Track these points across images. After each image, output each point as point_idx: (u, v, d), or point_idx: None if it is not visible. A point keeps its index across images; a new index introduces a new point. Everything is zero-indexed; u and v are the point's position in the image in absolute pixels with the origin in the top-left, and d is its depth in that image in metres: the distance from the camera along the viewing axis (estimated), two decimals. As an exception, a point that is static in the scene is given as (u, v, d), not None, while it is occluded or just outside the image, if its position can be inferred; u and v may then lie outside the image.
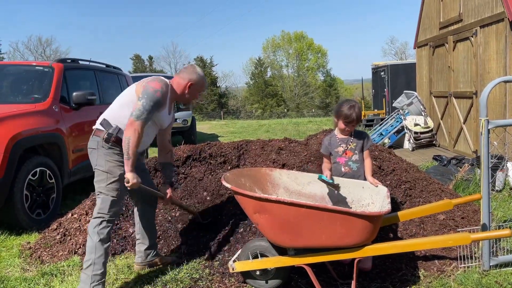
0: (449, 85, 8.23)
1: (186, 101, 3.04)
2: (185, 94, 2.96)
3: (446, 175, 5.85)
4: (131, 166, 2.66)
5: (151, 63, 46.31)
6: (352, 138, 3.08)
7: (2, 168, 3.84)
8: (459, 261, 3.13)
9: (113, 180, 2.75)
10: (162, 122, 2.98)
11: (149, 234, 3.19)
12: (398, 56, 49.58)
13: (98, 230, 2.70)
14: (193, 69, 2.99)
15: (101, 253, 2.69)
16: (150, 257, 3.20)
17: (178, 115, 10.60)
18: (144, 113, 2.68)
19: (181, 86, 2.94)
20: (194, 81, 2.95)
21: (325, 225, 2.43)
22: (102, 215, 2.73)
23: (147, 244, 3.18)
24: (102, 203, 2.75)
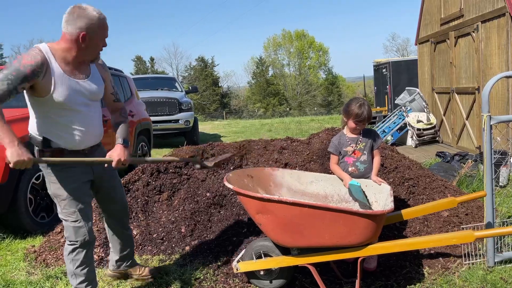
0: (451, 81, 8.20)
1: (89, 56, 2.40)
2: (80, 49, 2.32)
3: (449, 172, 5.83)
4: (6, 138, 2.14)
5: (153, 64, 46.40)
6: (361, 137, 3.05)
7: (5, 172, 3.85)
8: (463, 258, 3.12)
9: (64, 204, 2.41)
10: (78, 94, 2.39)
11: (119, 245, 2.92)
12: (400, 52, 49.47)
13: (72, 257, 2.46)
14: (81, 12, 2.28)
15: (82, 279, 2.49)
16: (123, 267, 2.99)
17: (180, 116, 10.62)
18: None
19: (73, 42, 2.30)
20: (87, 29, 2.29)
21: (327, 224, 2.42)
22: (72, 243, 2.45)
23: (118, 255, 2.94)
24: (65, 230, 2.46)
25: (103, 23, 2.36)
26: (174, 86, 12.67)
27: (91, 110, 2.49)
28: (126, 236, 2.93)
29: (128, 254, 2.97)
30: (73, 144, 2.42)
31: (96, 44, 2.37)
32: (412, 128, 8.90)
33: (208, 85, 42.72)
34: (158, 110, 10.51)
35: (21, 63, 2.19)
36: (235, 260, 2.87)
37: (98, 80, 2.53)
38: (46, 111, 2.36)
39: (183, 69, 47.84)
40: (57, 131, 2.39)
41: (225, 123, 20.25)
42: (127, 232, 2.94)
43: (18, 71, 2.17)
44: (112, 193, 2.76)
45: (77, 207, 2.43)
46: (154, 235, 3.73)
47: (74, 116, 2.40)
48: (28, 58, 2.21)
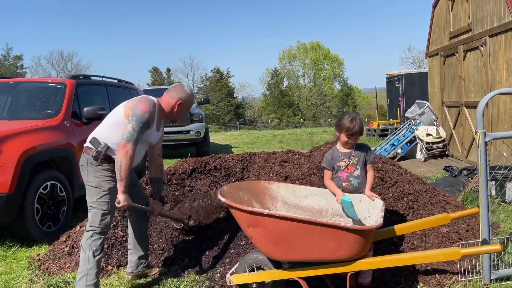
0: (460, 94, 8.15)
1: (175, 118, 3.14)
2: (173, 112, 3.07)
3: (455, 186, 5.78)
4: (123, 188, 2.79)
5: (169, 75, 47.04)
6: (354, 152, 3.08)
7: (13, 182, 3.99)
8: (459, 275, 3.10)
9: (103, 194, 2.89)
10: (151, 139, 3.09)
11: (141, 245, 3.28)
12: (416, 64, 49.08)
13: (90, 242, 2.83)
14: (182, 88, 3.12)
15: (93, 265, 2.82)
16: (141, 268, 3.28)
17: (191, 127, 10.76)
18: (134, 136, 2.80)
19: (170, 105, 3.05)
20: (183, 100, 3.06)
21: (317, 239, 2.46)
22: (94, 228, 2.86)
23: (138, 255, 3.27)
24: (93, 216, 2.89)
25: (192, 99, 3.17)
26: (186, 97, 12.83)
27: (145, 148, 3.18)
28: (146, 237, 3.36)
29: (147, 254, 3.34)
30: None
31: (182, 113, 3.13)
32: (421, 142, 8.84)
33: (223, 96, 43.07)
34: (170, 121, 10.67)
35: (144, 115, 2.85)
36: (229, 273, 2.91)
37: (160, 135, 3.25)
38: None
39: (199, 80, 48.37)
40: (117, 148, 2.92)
41: (237, 134, 20.37)
42: (146, 234, 3.38)
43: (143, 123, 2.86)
44: (137, 197, 3.18)
45: (111, 201, 2.91)
46: (155, 245, 3.80)
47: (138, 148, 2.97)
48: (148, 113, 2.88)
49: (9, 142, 4.12)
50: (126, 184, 2.80)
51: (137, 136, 2.83)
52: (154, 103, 2.96)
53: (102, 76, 6.41)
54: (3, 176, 3.95)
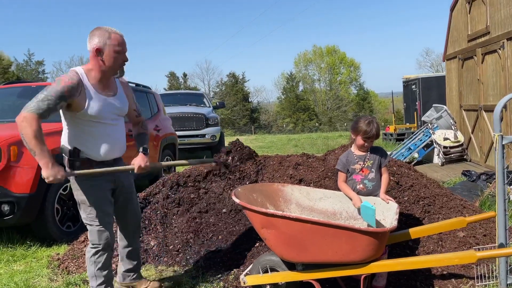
0: (479, 98, 8.04)
1: (111, 70, 2.62)
2: (101, 64, 2.57)
3: (473, 191, 5.70)
4: (43, 161, 2.38)
5: (185, 80, 47.49)
6: (369, 155, 3.08)
7: (34, 183, 4.10)
8: (476, 279, 3.07)
9: (89, 209, 2.63)
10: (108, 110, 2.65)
11: (128, 257, 3.07)
12: (434, 68, 48.52)
13: (94, 259, 2.67)
14: (95, 31, 2.57)
15: (102, 280, 2.69)
16: (128, 279, 3.11)
17: (206, 130, 10.87)
18: (37, 104, 2.39)
19: (92, 60, 2.58)
20: (99, 44, 2.54)
21: (330, 241, 2.47)
22: (95, 246, 2.67)
23: (126, 267, 3.09)
24: (90, 234, 2.68)
25: (116, 37, 2.59)
26: (202, 101, 12.98)
27: (118, 125, 2.78)
28: (135, 249, 3.09)
29: (134, 268, 3.11)
30: (101, 155, 2.67)
31: (113, 57, 2.59)
32: (439, 146, 8.73)
33: (239, 100, 43.26)
34: (186, 125, 10.80)
35: (59, 84, 2.46)
36: (243, 274, 2.94)
37: (123, 98, 2.82)
38: (79, 124, 2.62)
39: (215, 84, 48.72)
40: (87, 143, 2.64)
41: (252, 138, 20.42)
42: (136, 246, 3.10)
43: (57, 92, 2.44)
44: (129, 205, 2.97)
45: (101, 213, 2.66)
46: (170, 246, 3.85)
47: (104, 129, 2.66)
48: (66, 79, 2.50)
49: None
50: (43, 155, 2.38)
51: (37, 104, 2.38)
52: (75, 72, 2.54)
53: (120, 80, 6.51)
54: (24, 177, 4.06)
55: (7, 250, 4.12)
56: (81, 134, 2.62)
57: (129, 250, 3.06)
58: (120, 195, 2.89)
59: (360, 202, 2.94)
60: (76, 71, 2.57)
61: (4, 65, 32.94)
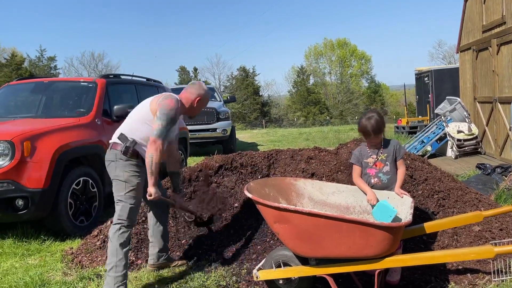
0: (493, 90, 7.89)
1: (192, 114, 3.28)
2: (193, 108, 3.21)
3: (488, 185, 5.61)
4: (154, 181, 2.92)
5: (196, 74, 47.48)
6: (382, 148, 3.05)
7: (48, 178, 4.14)
8: (493, 274, 3.01)
9: (131, 189, 2.99)
10: (172, 135, 3.19)
11: (162, 237, 3.41)
12: (446, 60, 47.79)
13: (118, 234, 2.93)
14: (200, 85, 3.25)
15: (122, 256, 2.91)
16: (162, 260, 3.41)
17: (217, 125, 10.88)
18: (163, 132, 2.92)
19: (189, 101, 3.19)
20: (202, 96, 3.21)
21: (344, 235, 2.44)
22: (121, 221, 2.95)
23: (159, 247, 3.40)
24: (121, 210, 2.97)
25: (209, 96, 3.30)
26: (213, 96, 12.96)
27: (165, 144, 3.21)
28: (166, 230, 3.46)
29: (167, 247, 3.47)
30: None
31: (200, 108, 3.26)
32: (452, 139, 8.60)
33: (249, 94, 43.14)
34: (197, 119, 10.80)
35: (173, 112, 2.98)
36: (256, 268, 2.93)
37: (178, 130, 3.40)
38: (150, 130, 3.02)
39: (225, 79, 48.65)
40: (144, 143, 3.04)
41: (263, 132, 20.38)
42: (167, 227, 3.47)
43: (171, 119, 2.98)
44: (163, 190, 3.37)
45: (138, 195, 3.04)
46: (182, 241, 3.86)
47: None
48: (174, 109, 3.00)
49: (44, 139, 4.27)
50: (156, 178, 2.93)
51: (166, 132, 2.94)
52: (177, 100, 3.08)
53: (131, 75, 6.55)
54: (38, 172, 4.10)
55: (22, 244, 4.17)
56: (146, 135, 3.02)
57: (162, 230, 3.40)
58: None
59: (376, 199, 2.90)
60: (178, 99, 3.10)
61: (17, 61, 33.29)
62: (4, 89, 5.90)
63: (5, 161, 4.00)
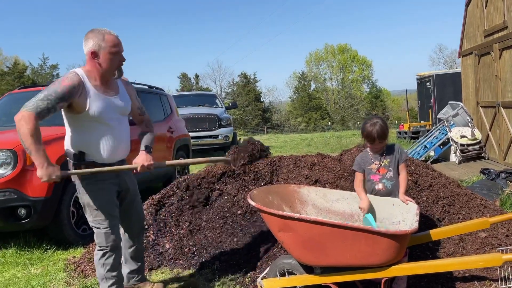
0: (496, 94, 7.86)
1: (108, 72, 2.61)
2: (98, 67, 2.57)
3: (493, 190, 5.56)
4: (39, 160, 2.37)
5: (197, 81, 47.60)
6: (385, 154, 3.02)
7: (50, 187, 4.12)
8: (500, 281, 2.97)
9: (96, 212, 2.64)
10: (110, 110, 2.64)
11: (133, 257, 3.09)
12: (447, 64, 47.84)
13: (103, 261, 2.67)
14: (89, 34, 2.56)
15: (112, 281, 2.70)
16: (132, 281, 3.12)
17: (219, 131, 10.89)
18: (36, 104, 2.36)
19: (88, 62, 2.58)
20: (94, 47, 2.53)
21: (349, 243, 2.41)
22: (103, 248, 2.67)
23: (130, 268, 3.11)
24: (97, 237, 2.68)
25: (111, 39, 2.57)
26: (215, 102, 12.99)
27: (121, 125, 2.76)
28: (139, 250, 3.12)
29: (139, 268, 3.14)
30: (105, 156, 2.67)
31: (109, 59, 2.57)
32: (455, 144, 8.57)
33: (250, 100, 43.21)
34: (199, 125, 10.82)
35: (60, 84, 2.46)
36: (260, 277, 2.90)
37: (125, 97, 2.80)
38: (82, 126, 2.60)
39: (227, 85, 48.76)
40: (91, 145, 2.62)
41: (265, 138, 20.35)
42: (140, 247, 3.13)
43: (57, 92, 2.43)
44: (133, 207, 3.00)
45: (107, 216, 2.67)
46: (186, 249, 3.83)
47: (107, 130, 2.65)
48: (66, 80, 2.48)
49: (46, 148, 4.22)
50: (39, 155, 2.37)
51: (36, 103, 2.36)
52: (74, 73, 2.53)
53: (133, 83, 6.55)
54: (40, 180, 4.06)
55: (24, 253, 4.15)
56: (84, 137, 2.60)
57: (133, 251, 3.08)
58: (125, 197, 2.91)
59: (367, 210, 2.86)
60: (76, 72, 2.56)
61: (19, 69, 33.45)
62: (7, 98, 5.89)
63: (7, 170, 3.99)
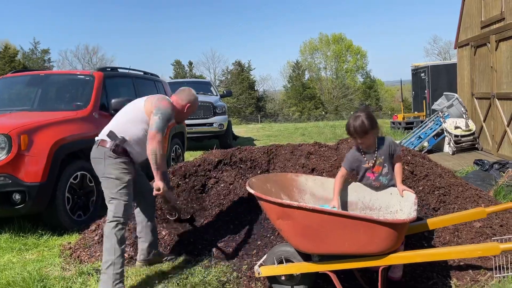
0: (491, 86, 7.90)
1: (181, 120, 3.35)
2: (182, 113, 3.27)
3: (487, 181, 5.62)
4: (161, 175, 2.96)
5: (191, 68, 47.30)
6: (377, 151, 2.92)
7: (45, 172, 4.08)
8: (494, 271, 3.01)
9: (123, 186, 2.96)
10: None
11: (151, 232, 3.38)
12: (441, 56, 47.93)
13: (115, 232, 2.89)
14: (190, 92, 3.31)
15: (119, 253, 2.88)
16: (152, 255, 3.40)
17: (214, 119, 10.83)
18: (161, 126, 2.94)
19: (180, 106, 3.24)
20: (192, 103, 3.27)
21: (348, 232, 2.42)
22: (118, 218, 2.92)
23: (149, 242, 3.37)
24: (116, 207, 2.93)
25: (197, 103, 3.38)
26: (209, 90, 12.90)
27: None
28: (154, 225, 3.44)
29: (156, 242, 3.45)
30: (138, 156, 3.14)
31: (188, 114, 3.31)
32: (450, 135, 8.62)
33: (244, 88, 43.06)
34: (193, 113, 10.74)
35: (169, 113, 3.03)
36: (257, 264, 2.90)
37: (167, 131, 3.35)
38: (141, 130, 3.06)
39: (221, 73, 48.52)
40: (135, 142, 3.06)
41: (259, 127, 20.35)
42: (154, 222, 3.46)
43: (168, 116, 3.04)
44: (144, 187, 3.36)
45: (130, 192, 3.02)
46: (182, 237, 3.82)
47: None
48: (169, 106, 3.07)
49: (41, 133, 4.21)
50: (162, 173, 2.95)
51: (164, 128, 2.95)
52: (172, 102, 3.15)
53: (129, 69, 6.47)
54: (35, 165, 4.04)
55: (19, 239, 4.12)
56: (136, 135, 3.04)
57: (150, 226, 3.37)
58: (136, 179, 3.24)
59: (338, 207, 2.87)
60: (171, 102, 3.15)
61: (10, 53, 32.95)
62: (0, 82, 5.81)
63: (1, 155, 3.94)
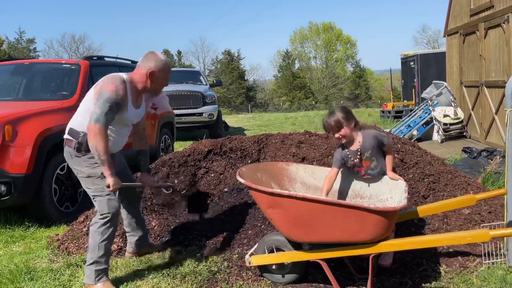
0: (480, 74, 7.94)
1: (153, 91, 2.94)
2: (147, 84, 2.85)
3: (475, 168, 5.66)
4: (108, 170, 2.66)
5: (180, 57, 46.89)
6: (361, 148, 2.90)
7: (31, 163, 4.00)
8: (483, 257, 3.04)
9: (98, 181, 2.79)
10: (131, 119, 2.94)
11: (138, 225, 3.31)
12: (430, 45, 48.15)
13: (102, 230, 2.77)
14: (152, 56, 2.86)
15: (103, 252, 2.78)
16: (141, 247, 3.35)
17: (204, 109, 10.73)
18: (101, 116, 2.62)
19: (141, 77, 2.83)
20: (155, 68, 2.81)
21: (338, 220, 2.41)
22: (105, 215, 2.78)
23: (138, 235, 3.31)
24: (99, 204, 2.79)
25: (168, 67, 2.90)
26: (199, 79, 12.77)
27: (129, 128, 3.04)
28: (141, 217, 3.37)
29: (145, 235, 3.39)
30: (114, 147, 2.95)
31: (160, 82, 2.89)
32: (438, 123, 8.67)
33: (234, 78, 42.85)
34: (183, 103, 10.63)
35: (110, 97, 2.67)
36: (248, 254, 2.89)
37: (143, 111, 3.09)
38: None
39: (210, 62, 48.19)
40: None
41: (249, 116, 20.29)
42: (140, 216, 3.38)
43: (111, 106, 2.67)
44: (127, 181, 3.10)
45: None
46: (172, 226, 3.79)
47: (118, 129, 2.91)
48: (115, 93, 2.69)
49: (26, 123, 4.11)
50: (110, 166, 2.67)
51: (105, 117, 2.64)
52: (122, 80, 2.75)
53: (116, 57, 6.36)
54: (21, 156, 3.95)
55: (5, 231, 4.05)
56: None
57: (136, 220, 3.29)
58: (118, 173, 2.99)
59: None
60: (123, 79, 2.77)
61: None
62: (-16, 71, 5.66)
63: (-15, 146, 3.84)
